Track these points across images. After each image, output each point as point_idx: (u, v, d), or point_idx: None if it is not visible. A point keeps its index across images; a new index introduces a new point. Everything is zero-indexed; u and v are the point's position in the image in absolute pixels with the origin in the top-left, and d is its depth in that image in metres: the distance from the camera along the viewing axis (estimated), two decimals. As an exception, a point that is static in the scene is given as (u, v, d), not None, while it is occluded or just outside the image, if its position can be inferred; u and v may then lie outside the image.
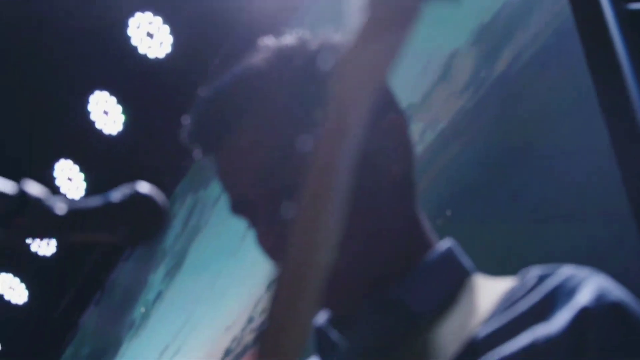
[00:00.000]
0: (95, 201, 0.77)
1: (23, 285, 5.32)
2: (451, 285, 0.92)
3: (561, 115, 2.31)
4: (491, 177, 2.53)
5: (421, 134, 2.86)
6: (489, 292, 0.89)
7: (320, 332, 0.94)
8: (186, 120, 0.96)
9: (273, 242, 0.91)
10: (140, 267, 5.07)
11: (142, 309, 4.97)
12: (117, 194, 0.77)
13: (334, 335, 0.93)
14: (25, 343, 5.60)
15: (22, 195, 0.72)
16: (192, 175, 4.58)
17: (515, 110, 2.56)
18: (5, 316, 5.39)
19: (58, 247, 5.04)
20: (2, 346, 5.58)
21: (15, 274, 5.30)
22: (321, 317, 0.96)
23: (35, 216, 0.72)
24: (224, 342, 4.00)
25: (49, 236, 0.75)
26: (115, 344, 5.18)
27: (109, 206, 0.77)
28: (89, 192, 4.71)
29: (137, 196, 0.78)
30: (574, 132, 2.24)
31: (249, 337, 3.79)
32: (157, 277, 4.90)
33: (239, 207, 0.94)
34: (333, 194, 0.48)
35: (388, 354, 0.87)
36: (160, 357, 4.63)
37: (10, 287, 5.31)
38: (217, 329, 4.11)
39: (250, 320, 3.81)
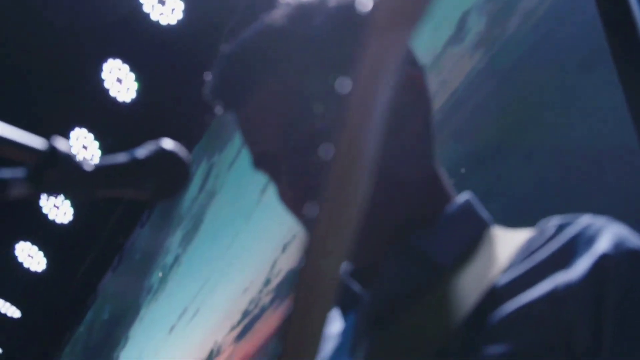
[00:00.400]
0: (122, 158, 0.78)
1: (41, 253, 5.38)
2: (471, 237, 0.93)
3: (573, 74, 2.30)
4: (503, 139, 2.52)
5: (433, 96, 2.85)
6: (508, 242, 0.90)
7: (341, 284, 0.96)
8: (208, 76, 0.97)
9: (295, 196, 0.92)
10: (157, 232, 5.11)
11: (160, 274, 5.01)
12: (142, 151, 0.79)
13: (356, 286, 0.95)
14: (45, 310, 5.67)
15: (53, 150, 0.73)
16: (207, 140, 4.59)
17: (526, 71, 2.54)
18: (24, 284, 5.45)
19: (75, 213, 5.08)
20: (22, 313, 5.65)
21: (34, 242, 5.35)
22: (342, 270, 0.97)
23: (65, 171, 0.73)
24: (242, 303, 4.03)
25: (78, 191, 0.76)
26: (134, 309, 5.23)
27: (135, 162, 0.78)
28: (104, 160, 4.72)
29: (162, 152, 0.79)
30: (586, 92, 2.23)
31: (266, 299, 3.81)
32: (174, 241, 4.93)
33: (261, 161, 0.95)
34: (370, 138, 0.49)
35: (410, 304, 0.88)
36: (178, 320, 4.67)
37: (29, 255, 5.37)
38: (235, 291, 4.14)
39: (267, 282, 3.83)
